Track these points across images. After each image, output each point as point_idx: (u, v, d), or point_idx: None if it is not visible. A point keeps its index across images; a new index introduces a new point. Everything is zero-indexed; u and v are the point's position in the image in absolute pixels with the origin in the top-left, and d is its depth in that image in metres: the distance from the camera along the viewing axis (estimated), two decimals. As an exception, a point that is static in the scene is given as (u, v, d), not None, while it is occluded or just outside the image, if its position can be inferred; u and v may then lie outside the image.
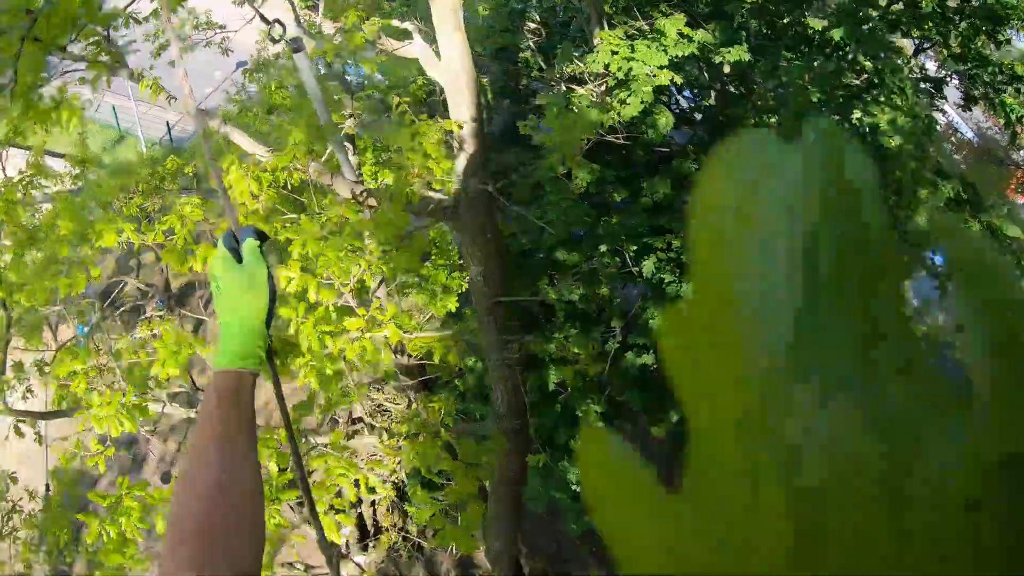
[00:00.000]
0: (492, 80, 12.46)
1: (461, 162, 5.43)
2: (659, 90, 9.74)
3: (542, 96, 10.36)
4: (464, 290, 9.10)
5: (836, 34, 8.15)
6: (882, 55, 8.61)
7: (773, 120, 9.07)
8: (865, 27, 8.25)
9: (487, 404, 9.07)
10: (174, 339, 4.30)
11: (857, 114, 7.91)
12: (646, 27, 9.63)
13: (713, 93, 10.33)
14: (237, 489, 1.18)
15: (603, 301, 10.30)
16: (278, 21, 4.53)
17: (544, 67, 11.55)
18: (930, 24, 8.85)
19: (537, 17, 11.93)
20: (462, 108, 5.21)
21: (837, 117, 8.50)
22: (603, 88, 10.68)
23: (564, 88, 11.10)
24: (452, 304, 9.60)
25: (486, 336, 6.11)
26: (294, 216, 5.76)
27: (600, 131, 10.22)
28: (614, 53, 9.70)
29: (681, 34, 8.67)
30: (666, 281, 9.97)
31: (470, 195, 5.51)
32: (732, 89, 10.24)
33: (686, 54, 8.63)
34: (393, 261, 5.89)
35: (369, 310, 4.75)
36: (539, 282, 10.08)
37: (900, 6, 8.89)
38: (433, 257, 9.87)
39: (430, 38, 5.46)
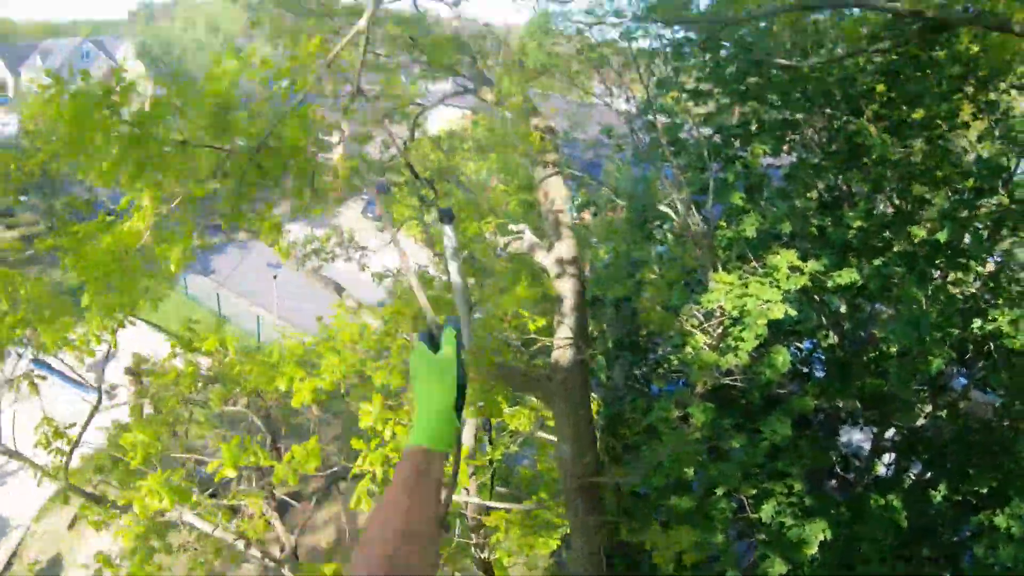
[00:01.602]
0: (612, 330, 13.03)
1: (560, 333, 5.75)
2: (777, 331, 9.87)
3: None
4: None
5: (941, 237, 8.30)
6: (996, 257, 8.55)
7: (893, 351, 8.87)
8: (969, 229, 8.40)
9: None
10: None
11: (977, 323, 7.63)
12: (758, 268, 10.11)
13: (831, 333, 10.31)
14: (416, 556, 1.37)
15: (719, 547, 9.54)
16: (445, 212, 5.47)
17: (664, 315, 12.01)
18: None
19: (656, 269, 12.72)
20: (566, 282, 5.69)
21: (958, 331, 8.26)
22: (719, 330, 10.90)
23: (681, 332, 11.42)
24: (554, 542, 9.19)
25: (571, 519, 5.80)
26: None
27: (717, 373, 10.29)
28: (728, 291, 10.05)
29: (792, 268, 9.04)
30: (787, 525, 9.18)
31: (566, 367, 5.71)
32: (847, 325, 10.20)
33: (799, 286, 8.90)
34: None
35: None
36: (649, 527, 9.54)
37: (999, 201, 8.90)
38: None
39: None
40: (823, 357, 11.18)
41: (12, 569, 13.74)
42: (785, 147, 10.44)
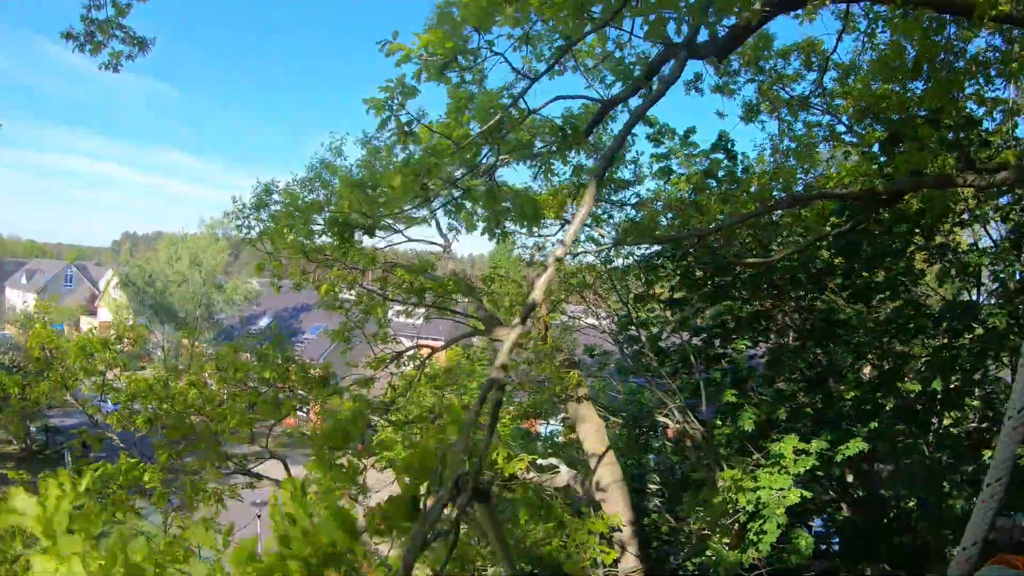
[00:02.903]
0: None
1: (624, 564, 5.96)
2: (791, 515, 10.04)
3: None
4: None
5: (937, 386, 8.76)
6: (986, 387, 8.90)
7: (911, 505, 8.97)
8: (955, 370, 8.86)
9: None
10: None
11: (987, 453, 7.95)
12: (762, 459, 10.46)
13: (845, 506, 10.47)
14: None
15: None
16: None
17: (674, 523, 11.98)
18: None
19: (657, 478, 12.82)
20: (619, 506, 6.02)
21: (970, 470, 8.53)
22: (735, 527, 10.95)
23: (695, 540, 11.39)
24: None
25: None
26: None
27: (743, 572, 10.27)
28: (739, 490, 10.18)
29: (797, 451, 9.40)
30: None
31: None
32: (857, 494, 10.39)
33: (808, 467, 9.21)
34: None
35: None
36: None
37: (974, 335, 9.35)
38: None
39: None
40: (838, 530, 11.24)
41: None
42: (760, 337, 11.28)
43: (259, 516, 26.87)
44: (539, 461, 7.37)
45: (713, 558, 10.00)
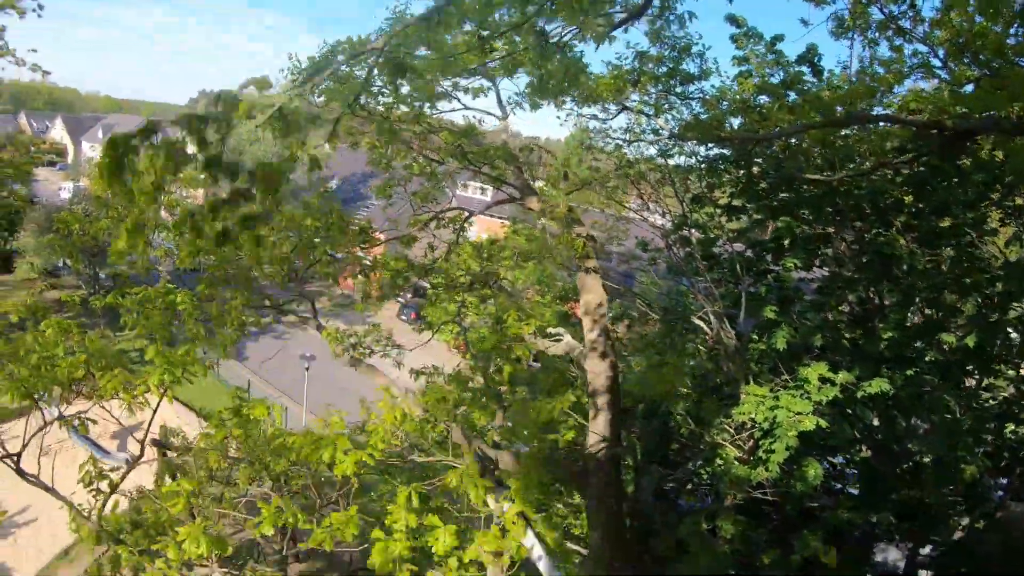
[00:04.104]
0: (643, 443, 13.20)
1: (594, 427, 6.18)
2: (809, 445, 10.04)
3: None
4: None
5: (970, 342, 8.52)
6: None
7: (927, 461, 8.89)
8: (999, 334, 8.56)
9: None
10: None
11: (1010, 427, 7.79)
12: (790, 381, 10.42)
13: (864, 447, 10.43)
14: None
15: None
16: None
17: (694, 428, 12.21)
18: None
19: (688, 382, 12.99)
20: (597, 378, 6.18)
21: (992, 437, 8.34)
22: (750, 443, 11.09)
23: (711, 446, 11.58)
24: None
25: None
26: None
27: (748, 487, 10.42)
28: (759, 403, 10.29)
29: (823, 379, 9.33)
30: (821, 644, 9.10)
31: (599, 460, 6.10)
32: (880, 437, 10.32)
33: (829, 397, 9.18)
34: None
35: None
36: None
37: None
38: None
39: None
40: (856, 472, 11.25)
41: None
42: (816, 261, 10.97)
43: (307, 369, 28.63)
44: (548, 329, 7.58)
45: (722, 467, 10.20)
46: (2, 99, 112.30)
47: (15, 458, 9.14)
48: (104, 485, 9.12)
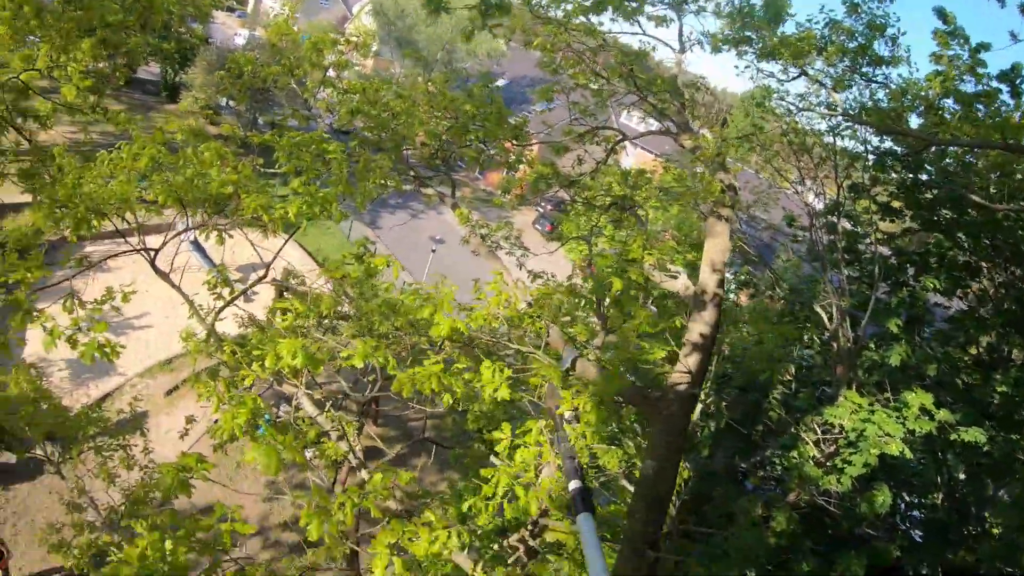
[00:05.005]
0: (730, 411, 13.11)
1: (681, 365, 6.31)
2: (890, 474, 9.74)
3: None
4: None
5: None
6: None
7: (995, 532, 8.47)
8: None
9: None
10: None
11: None
12: (891, 400, 10.12)
13: (941, 495, 10.08)
14: None
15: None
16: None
17: (784, 415, 12.06)
18: None
19: (792, 368, 12.75)
20: (699, 319, 6.27)
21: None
22: (831, 447, 10.91)
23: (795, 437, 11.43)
24: None
25: (630, 525, 6.24)
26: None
27: (815, 490, 10.29)
28: (853, 412, 10.05)
29: (924, 409, 9.01)
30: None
31: (677, 393, 6.24)
32: (962, 492, 9.92)
33: (924, 430, 8.86)
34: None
35: None
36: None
37: None
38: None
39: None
40: (921, 515, 10.91)
41: (101, 409, 15.76)
42: (958, 291, 10.42)
43: (433, 251, 29.81)
44: (668, 265, 7.70)
45: (797, 462, 10.13)
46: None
47: (152, 253, 10.10)
48: (226, 292, 10.06)
